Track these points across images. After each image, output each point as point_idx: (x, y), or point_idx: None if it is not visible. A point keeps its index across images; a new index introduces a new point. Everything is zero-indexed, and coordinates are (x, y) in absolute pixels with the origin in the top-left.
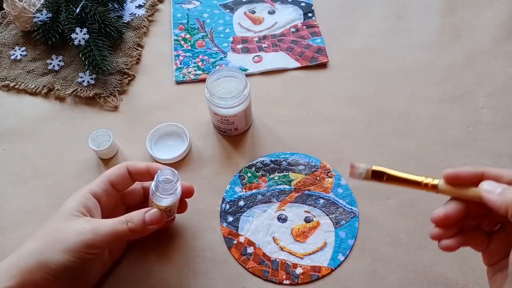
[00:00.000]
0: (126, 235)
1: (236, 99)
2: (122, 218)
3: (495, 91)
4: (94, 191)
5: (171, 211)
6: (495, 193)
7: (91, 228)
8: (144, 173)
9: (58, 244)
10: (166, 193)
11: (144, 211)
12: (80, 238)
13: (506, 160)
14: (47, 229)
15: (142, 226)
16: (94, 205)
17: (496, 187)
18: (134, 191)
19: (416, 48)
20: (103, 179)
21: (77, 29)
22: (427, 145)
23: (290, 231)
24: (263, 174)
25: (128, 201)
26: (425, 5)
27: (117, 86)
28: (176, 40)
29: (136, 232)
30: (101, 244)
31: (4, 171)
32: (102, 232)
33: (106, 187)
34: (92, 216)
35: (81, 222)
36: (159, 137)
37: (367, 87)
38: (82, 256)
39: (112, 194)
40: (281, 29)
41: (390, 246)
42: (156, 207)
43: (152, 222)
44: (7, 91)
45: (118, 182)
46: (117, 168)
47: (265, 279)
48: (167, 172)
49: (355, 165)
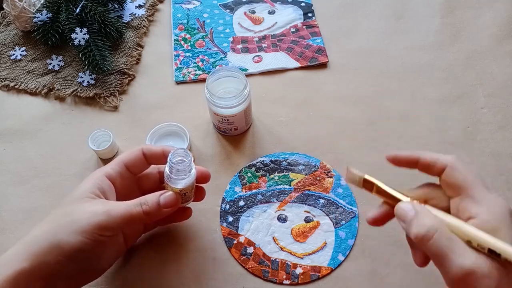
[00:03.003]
0: (140, 218)
1: (236, 99)
2: (136, 201)
3: (495, 91)
4: (109, 173)
5: (187, 195)
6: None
7: (105, 209)
8: (159, 156)
9: (71, 225)
10: (180, 175)
11: (159, 193)
12: (93, 220)
13: (506, 160)
14: (59, 211)
15: (157, 209)
16: (108, 187)
17: (408, 211)
18: (150, 175)
19: (416, 48)
20: (118, 162)
21: (77, 29)
22: (427, 145)
23: (290, 231)
24: (263, 174)
25: (144, 185)
26: (424, 5)
27: (117, 86)
28: (176, 40)
29: (151, 215)
30: (114, 226)
31: (4, 171)
32: (115, 214)
33: (121, 169)
34: (107, 198)
35: (95, 203)
36: (159, 137)
37: (367, 87)
38: (95, 238)
39: (127, 177)
40: (281, 29)
41: (390, 246)
42: (171, 190)
43: (167, 205)
44: (7, 91)
45: (133, 164)
46: (132, 151)
47: (265, 279)
48: (180, 152)
49: (350, 169)
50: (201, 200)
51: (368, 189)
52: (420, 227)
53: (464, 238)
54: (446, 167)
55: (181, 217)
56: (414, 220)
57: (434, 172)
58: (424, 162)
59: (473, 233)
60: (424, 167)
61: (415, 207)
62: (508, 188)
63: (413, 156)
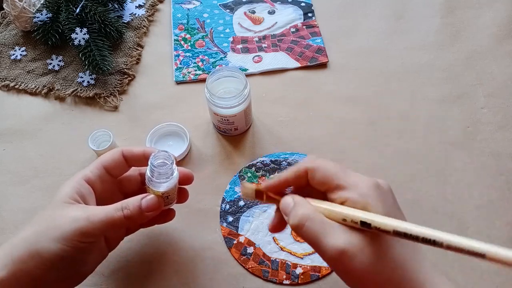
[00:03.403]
0: (121, 223)
1: (236, 99)
2: (118, 205)
3: (495, 91)
4: (88, 177)
5: (169, 197)
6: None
7: (85, 215)
8: (140, 158)
9: (51, 232)
10: (162, 178)
11: (140, 197)
12: (74, 226)
13: (506, 160)
14: (40, 216)
15: (139, 213)
16: (88, 191)
17: (288, 204)
18: (131, 177)
19: (416, 48)
20: (97, 165)
21: (77, 29)
22: (427, 145)
23: (290, 231)
24: (263, 174)
25: (125, 188)
26: (424, 5)
27: (117, 86)
28: (176, 40)
29: (132, 219)
30: (95, 232)
31: (4, 171)
32: (96, 220)
33: (100, 172)
34: (87, 203)
35: (74, 209)
36: (159, 137)
37: (367, 87)
38: (75, 245)
39: (107, 180)
40: (281, 29)
41: None
42: (152, 193)
43: (148, 209)
44: (7, 91)
45: (113, 167)
46: (112, 153)
47: (265, 279)
48: (161, 155)
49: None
50: (184, 201)
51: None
52: (294, 217)
53: (339, 219)
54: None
55: (164, 219)
56: (292, 211)
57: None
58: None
59: (345, 211)
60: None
61: (294, 199)
62: (508, 188)
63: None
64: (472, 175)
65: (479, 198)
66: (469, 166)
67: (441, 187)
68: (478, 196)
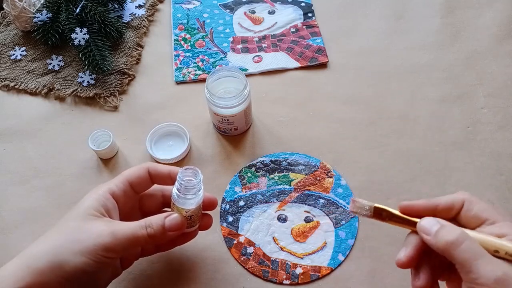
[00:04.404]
0: (145, 241)
1: (236, 99)
2: (141, 223)
3: (495, 91)
4: (113, 191)
5: (192, 218)
6: (431, 234)
7: (110, 230)
8: (165, 176)
9: (75, 245)
10: (188, 194)
11: (163, 216)
12: (98, 241)
13: (506, 160)
14: (62, 227)
15: (161, 232)
16: (113, 206)
17: (432, 225)
18: (153, 195)
19: (415, 49)
20: (122, 180)
21: (77, 29)
22: (427, 145)
23: (290, 231)
24: (263, 174)
25: (145, 205)
26: (424, 5)
27: (117, 86)
28: (176, 40)
29: (155, 238)
30: (119, 248)
31: (4, 171)
32: (121, 236)
33: (125, 187)
34: (111, 217)
35: (100, 223)
36: (159, 137)
37: (367, 87)
38: (99, 259)
39: (130, 195)
40: (281, 29)
41: (390, 246)
42: (177, 211)
43: (171, 228)
44: (7, 91)
45: (138, 183)
46: (137, 169)
47: (265, 279)
48: (190, 172)
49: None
50: (207, 228)
51: (379, 218)
52: (450, 234)
53: (491, 249)
54: (463, 203)
55: (183, 239)
56: (442, 230)
57: (454, 212)
58: (444, 208)
59: (500, 242)
60: (444, 212)
61: (439, 221)
62: (508, 188)
63: (430, 205)
64: (472, 175)
65: (479, 198)
66: (469, 166)
67: (441, 187)
68: (478, 196)
